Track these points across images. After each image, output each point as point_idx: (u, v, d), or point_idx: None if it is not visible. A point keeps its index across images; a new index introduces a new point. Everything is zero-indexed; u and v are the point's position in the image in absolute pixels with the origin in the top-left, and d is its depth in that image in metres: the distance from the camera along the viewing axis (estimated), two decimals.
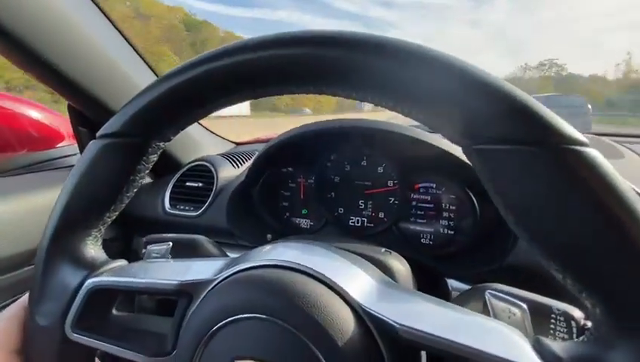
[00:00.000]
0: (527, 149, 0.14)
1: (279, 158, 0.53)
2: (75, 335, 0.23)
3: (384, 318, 0.17)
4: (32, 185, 0.50)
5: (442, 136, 0.17)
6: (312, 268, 0.19)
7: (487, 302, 0.21)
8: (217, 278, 0.21)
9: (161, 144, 0.24)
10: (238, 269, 0.21)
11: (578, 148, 0.14)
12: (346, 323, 0.17)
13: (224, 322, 0.19)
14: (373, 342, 0.17)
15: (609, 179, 0.13)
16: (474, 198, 0.44)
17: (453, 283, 0.42)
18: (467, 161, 0.16)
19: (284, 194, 0.56)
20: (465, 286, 0.42)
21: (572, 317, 0.21)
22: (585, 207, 0.13)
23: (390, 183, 0.50)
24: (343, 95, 0.19)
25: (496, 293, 0.21)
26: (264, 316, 0.18)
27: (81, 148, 0.56)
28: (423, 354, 0.19)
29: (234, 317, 0.18)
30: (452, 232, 0.47)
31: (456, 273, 0.42)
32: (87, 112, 0.49)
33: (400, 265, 0.29)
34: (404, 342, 0.17)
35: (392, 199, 0.50)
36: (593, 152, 0.14)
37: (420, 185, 0.49)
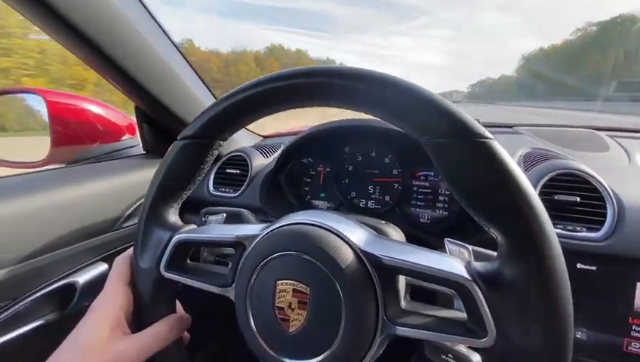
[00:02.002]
0: (454, 141, 0.23)
1: (302, 151, 0.63)
2: (167, 273, 0.34)
3: (372, 253, 0.27)
4: (106, 170, 0.63)
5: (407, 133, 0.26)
6: (326, 224, 0.29)
7: (446, 246, 0.31)
8: (262, 233, 0.31)
9: (221, 142, 0.35)
10: (276, 226, 0.31)
11: (483, 140, 0.23)
12: (348, 256, 0.27)
13: (269, 258, 0.29)
14: (365, 268, 0.27)
15: (502, 159, 0.23)
16: None
17: None
18: None
19: (305, 181, 0.66)
20: None
21: None
22: (487, 177, 0.23)
23: (395, 172, 0.59)
24: (345, 108, 0.29)
25: (452, 240, 0.31)
26: (295, 253, 0.28)
27: (143, 140, 0.69)
28: (402, 281, 0.29)
29: (275, 255, 0.29)
30: (446, 213, 0.56)
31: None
32: (151, 113, 0.62)
33: (393, 231, 0.39)
34: (386, 267, 0.27)
35: (396, 185, 0.59)
36: (494, 142, 0.23)
37: (420, 173, 0.58)
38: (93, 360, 0.28)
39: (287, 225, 0.31)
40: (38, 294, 0.49)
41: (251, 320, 0.29)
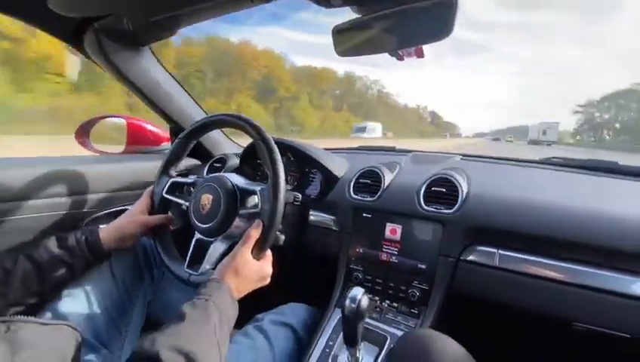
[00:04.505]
0: (260, 141, 0.70)
1: (252, 156, 1.13)
2: (165, 195, 0.84)
3: (238, 185, 0.73)
4: (152, 158, 1.17)
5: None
6: (226, 175, 0.76)
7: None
8: (203, 178, 0.80)
9: (195, 142, 0.85)
10: (208, 176, 0.79)
11: (269, 141, 0.69)
12: (229, 186, 0.73)
13: (201, 186, 0.77)
14: (234, 191, 0.73)
15: (274, 150, 0.69)
16: (321, 174, 0.99)
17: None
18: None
19: (257, 173, 1.15)
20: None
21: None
22: (268, 157, 0.69)
23: (292, 168, 1.06)
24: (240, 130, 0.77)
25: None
26: (210, 183, 0.75)
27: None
28: (255, 196, 0.75)
29: (205, 184, 0.76)
30: (320, 189, 1.00)
31: (316, 206, 0.97)
32: (177, 130, 1.17)
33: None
34: (243, 190, 0.73)
35: (296, 175, 1.05)
36: (272, 141, 0.69)
37: (309, 168, 1.04)
38: (133, 217, 0.78)
39: (212, 175, 0.79)
40: (111, 210, 1.02)
41: (191, 210, 0.77)
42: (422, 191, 0.82)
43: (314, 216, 0.98)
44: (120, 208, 1.04)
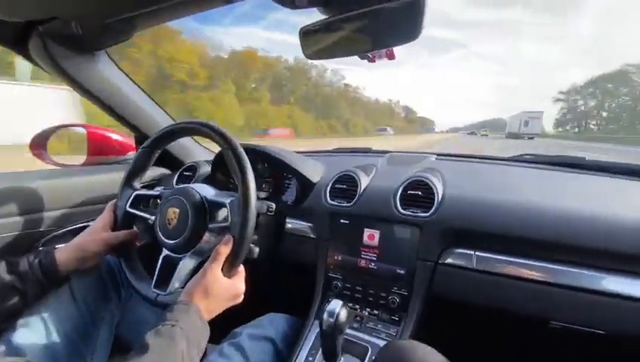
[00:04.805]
0: (227, 150, 0.66)
1: (222, 164, 1.08)
2: (129, 209, 0.78)
3: (207, 197, 0.69)
4: (117, 168, 1.10)
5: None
6: (192, 186, 0.72)
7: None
8: (170, 190, 0.75)
9: (160, 151, 0.79)
10: (176, 187, 0.75)
11: (238, 149, 0.65)
12: (197, 199, 0.68)
13: (167, 199, 0.72)
14: (203, 203, 0.69)
15: (244, 158, 0.65)
16: (297, 181, 0.95)
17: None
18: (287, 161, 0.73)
19: (230, 181, 1.10)
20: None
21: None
22: (237, 166, 0.65)
23: (267, 174, 1.02)
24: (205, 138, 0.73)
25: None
26: (176, 196, 0.71)
27: None
28: (224, 209, 0.70)
29: (171, 197, 0.72)
30: (296, 196, 0.97)
31: (292, 213, 0.94)
32: (139, 137, 1.10)
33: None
34: (211, 202, 0.68)
35: (272, 182, 1.02)
36: (240, 149, 0.65)
37: (285, 174, 1.00)
38: (95, 235, 0.72)
39: (178, 187, 0.74)
40: (71, 228, 0.95)
41: (157, 225, 0.72)
42: (398, 195, 0.81)
43: (290, 223, 0.95)
44: (80, 225, 0.97)
